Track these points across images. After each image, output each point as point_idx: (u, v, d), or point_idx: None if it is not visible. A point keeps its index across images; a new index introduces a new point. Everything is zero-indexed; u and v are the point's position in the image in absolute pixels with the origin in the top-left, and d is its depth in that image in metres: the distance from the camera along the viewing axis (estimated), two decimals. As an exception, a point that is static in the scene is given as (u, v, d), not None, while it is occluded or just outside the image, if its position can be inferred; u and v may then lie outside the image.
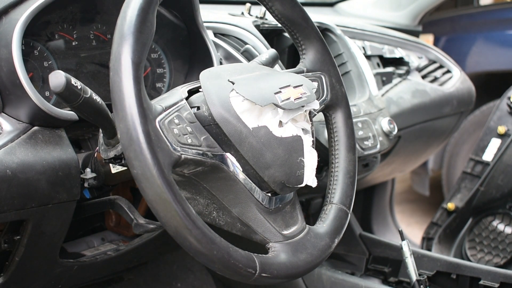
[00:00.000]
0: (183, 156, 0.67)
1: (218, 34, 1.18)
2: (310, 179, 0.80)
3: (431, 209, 2.83)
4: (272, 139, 0.74)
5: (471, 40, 2.66)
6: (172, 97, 0.72)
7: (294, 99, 0.76)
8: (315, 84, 0.85)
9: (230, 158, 0.73)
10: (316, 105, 0.81)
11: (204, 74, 0.76)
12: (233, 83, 0.74)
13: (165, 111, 0.69)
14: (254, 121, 0.73)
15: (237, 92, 0.73)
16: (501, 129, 1.71)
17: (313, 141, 0.82)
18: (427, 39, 2.61)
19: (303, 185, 0.79)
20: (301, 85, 0.79)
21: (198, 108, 0.74)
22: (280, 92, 0.75)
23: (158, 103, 0.70)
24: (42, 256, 0.93)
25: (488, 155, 1.72)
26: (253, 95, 0.73)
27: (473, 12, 2.80)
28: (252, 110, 0.73)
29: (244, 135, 0.72)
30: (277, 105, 0.74)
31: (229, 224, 0.77)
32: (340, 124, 0.92)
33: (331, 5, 2.12)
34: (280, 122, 0.76)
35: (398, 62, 1.63)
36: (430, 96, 1.59)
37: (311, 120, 0.83)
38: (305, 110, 0.80)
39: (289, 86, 0.78)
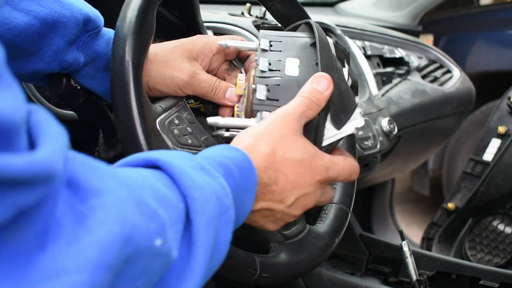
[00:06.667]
0: (183, 156, 0.67)
1: (218, 34, 1.18)
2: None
3: (431, 209, 2.83)
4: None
5: (471, 40, 2.66)
6: (172, 98, 0.73)
7: None
8: None
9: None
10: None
11: None
12: None
13: (165, 111, 0.69)
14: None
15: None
16: (501, 129, 1.71)
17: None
18: (427, 39, 2.61)
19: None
20: None
21: None
22: None
23: (158, 103, 0.70)
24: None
25: (488, 155, 1.72)
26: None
27: (473, 12, 2.80)
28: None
29: None
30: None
31: (229, 224, 0.77)
32: (340, 124, 0.92)
33: (331, 5, 2.12)
34: None
35: (398, 62, 1.63)
36: (430, 96, 1.59)
37: None
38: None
39: None
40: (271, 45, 0.70)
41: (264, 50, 0.70)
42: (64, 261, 0.33)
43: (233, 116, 0.74)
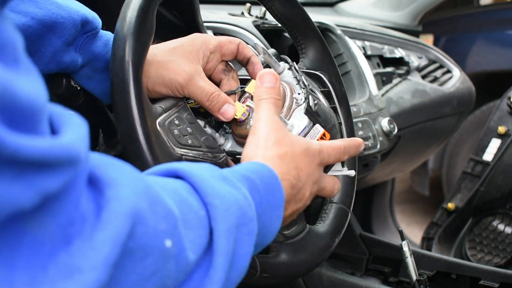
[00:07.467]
0: (183, 157, 0.67)
1: (218, 34, 1.18)
2: None
3: (431, 209, 2.83)
4: None
5: (471, 40, 2.66)
6: (172, 98, 0.73)
7: None
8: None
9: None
10: None
11: None
12: None
13: (165, 112, 0.69)
14: None
15: None
16: (501, 129, 1.71)
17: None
18: (427, 39, 2.61)
19: None
20: None
21: None
22: None
23: (158, 104, 0.70)
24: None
25: (488, 155, 1.72)
26: None
27: (473, 12, 2.80)
28: None
29: None
30: None
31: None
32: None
33: (331, 5, 2.12)
34: None
35: (398, 62, 1.63)
36: (430, 96, 1.59)
37: None
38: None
39: None
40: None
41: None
42: (81, 258, 0.32)
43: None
